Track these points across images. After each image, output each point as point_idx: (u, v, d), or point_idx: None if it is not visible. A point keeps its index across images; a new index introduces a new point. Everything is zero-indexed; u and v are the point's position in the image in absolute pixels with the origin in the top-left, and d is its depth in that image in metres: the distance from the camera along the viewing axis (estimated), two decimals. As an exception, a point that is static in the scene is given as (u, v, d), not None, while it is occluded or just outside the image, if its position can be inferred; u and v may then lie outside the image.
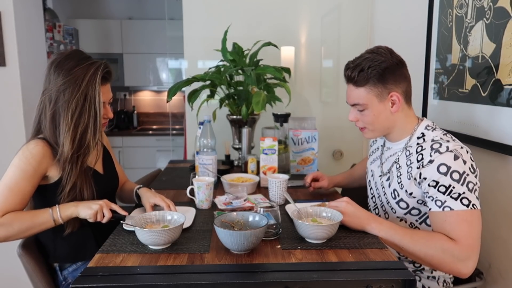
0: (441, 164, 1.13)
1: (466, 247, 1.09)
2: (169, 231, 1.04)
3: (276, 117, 1.86)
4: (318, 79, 2.37)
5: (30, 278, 1.30)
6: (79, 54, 1.28)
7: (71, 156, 1.23)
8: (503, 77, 1.44)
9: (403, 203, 1.26)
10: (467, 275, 1.11)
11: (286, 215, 1.31)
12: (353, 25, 2.29)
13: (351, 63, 1.26)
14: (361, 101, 1.24)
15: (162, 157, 4.23)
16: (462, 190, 1.11)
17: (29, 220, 1.19)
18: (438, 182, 1.13)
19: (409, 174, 1.23)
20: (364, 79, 1.21)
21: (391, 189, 1.30)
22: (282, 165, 1.82)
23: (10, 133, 2.36)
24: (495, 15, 1.47)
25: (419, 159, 1.20)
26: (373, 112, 1.25)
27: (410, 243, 1.12)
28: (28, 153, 1.21)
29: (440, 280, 1.33)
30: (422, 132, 1.26)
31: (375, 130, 1.29)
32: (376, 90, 1.22)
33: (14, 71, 2.30)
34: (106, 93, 1.32)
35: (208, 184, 1.40)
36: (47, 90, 1.25)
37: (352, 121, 1.32)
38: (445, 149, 1.15)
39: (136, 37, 4.36)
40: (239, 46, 1.94)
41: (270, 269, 0.97)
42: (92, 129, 1.26)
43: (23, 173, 1.20)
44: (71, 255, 1.33)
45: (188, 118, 2.37)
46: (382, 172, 1.36)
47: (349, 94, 1.28)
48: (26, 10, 2.41)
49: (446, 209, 1.12)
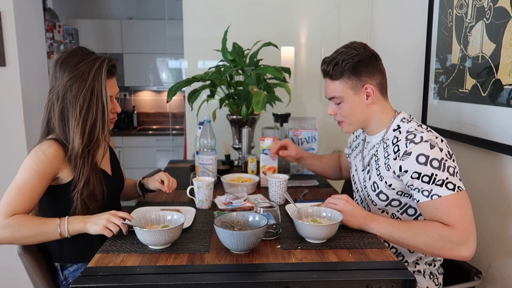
0: (419, 154, 1.16)
1: (463, 229, 1.12)
2: (169, 231, 1.05)
3: (276, 117, 1.86)
4: (318, 79, 2.37)
5: (31, 277, 1.29)
6: (83, 50, 1.29)
7: (82, 151, 1.23)
8: (503, 77, 1.44)
9: (383, 195, 1.28)
10: (469, 257, 1.13)
11: (286, 215, 1.31)
12: (353, 25, 2.29)
13: (326, 58, 1.31)
14: (337, 94, 1.29)
15: (162, 157, 4.23)
16: (445, 176, 1.14)
17: (35, 227, 1.17)
18: (420, 173, 1.15)
19: (386, 165, 1.25)
20: (339, 72, 1.26)
21: (371, 181, 1.32)
22: (282, 165, 1.82)
23: (10, 133, 2.36)
24: (495, 15, 1.47)
25: (395, 151, 1.23)
26: (349, 104, 1.29)
27: (409, 237, 1.14)
28: (41, 153, 1.21)
29: (427, 273, 1.34)
30: (398, 124, 1.30)
31: (351, 123, 1.33)
32: (350, 82, 1.27)
33: (14, 71, 2.30)
34: (112, 87, 1.32)
35: (208, 184, 1.40)
36: (54, 88, 1.25)
37: (331, 115, 1.36)
38: (420, 139, 1.18)
39: (136, 37, 4.36)
40: (239, 46, 1.94)
41: (270, 269, 0.97)
42: (101, 123, 1.27)
43: (34, 173, 1.19)
44: (76, 256, 1.32)
45: (188, 118, 2.37)
46: (364, 166, 1.39)
47: (326, 88, 1.33)
48: (26, 10, 2.41)
49: (434, 197, 1.14)
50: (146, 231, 1.05)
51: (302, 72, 2.35)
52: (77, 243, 1.28)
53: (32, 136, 2.46)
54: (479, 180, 1.64)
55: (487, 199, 1.57)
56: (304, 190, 1.64)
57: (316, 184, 1.73)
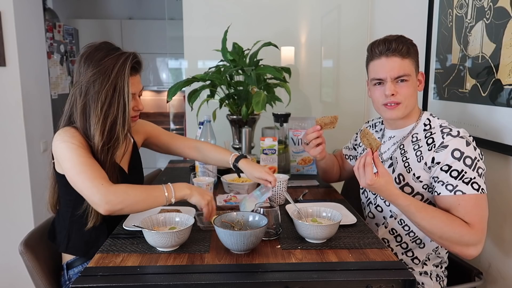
0: (455, 149, 1.17)
1: (480, 231, 1.14)
2: (179, 233, 1.03)
3: (276, 117, 1.86)
4: (318, 79, 2.37)
5: (32, 277, 1.29)
6: (109, 45, 1.27)
7: (101, 147, 1.21)
8: (503, 77, 1.44)
9: (408, 188, 1.28)
10: (474, 256, 1.16)
11: (286, 215, 1.31)
12: (353, 25, 2.29)
13: (389, 37, 1.29)
14: (407, 72, 1.26)
15: (162, 157, 4.22)
16: (473, 175, 1.15)
17: (144, 190, 1.16)
18: (451, 166, 1.16)
19: (418, 157, 1.26)
20: (409, 51, 1.27)
21: (395, 174, 1.31)
22: (282, 165, 1.82)
23: (10, 133, 2.36)
24: (495, 15, 1.47)
25: (429, 142, 1.24)
26: (413, 84, 1.29)
27: (428, 226, 1.15)
28: (67, 134, 1.19)
29: (433, 275, 1.34)
30: (428, 118, 1.32)
31: (408, 105, 1.29)
32: (415, 63, 1.29)
33: (14, 71, 2.30)
34: (135, 84, 1.30)
35: (208, 184, 1.40)
36: (77, 82, 1.23)
37: (392, 96, 1.27)
38: (457, 133, 1.20)
39: (136, 37, 4.37)
40: (239, 46, 1.94)
41: (270, 269, 0.97)
42: (121, 121, 1.24)
43: (78, 149, 1.17)
44: (82, 249, 1.30)
45: (188, 118, 2.37)
46: (383, 160, 1.37)
47: (394, 66, 1.26)
48: (26, 10, 2.41)
49: (458, 193, 1.15)
50: (155, 233, 1.03)
51: (302, 72, 2.35)
52: (84, 236, 1.28)
53: (32, 136, 2.47)
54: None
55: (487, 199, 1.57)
56: (304, 190, 1.64)
57: (316, 184, 1.73)
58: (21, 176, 2.41)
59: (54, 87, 3.38)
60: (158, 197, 1.16)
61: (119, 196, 1.11)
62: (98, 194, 1.10)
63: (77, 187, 1.15)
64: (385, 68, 1.27)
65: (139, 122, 1.49)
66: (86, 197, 1.15)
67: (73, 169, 1.15)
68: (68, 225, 1.30)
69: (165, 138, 1.57)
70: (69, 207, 1.28)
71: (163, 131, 1.59)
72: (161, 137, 1.57)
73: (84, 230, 1.26)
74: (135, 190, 1.15)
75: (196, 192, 1.20)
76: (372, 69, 1.32)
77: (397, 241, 1.33)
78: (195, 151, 1.54)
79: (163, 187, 1.17)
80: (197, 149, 1.54)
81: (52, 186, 1.33)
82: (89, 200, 1.15)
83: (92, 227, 1.24)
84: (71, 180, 1.17)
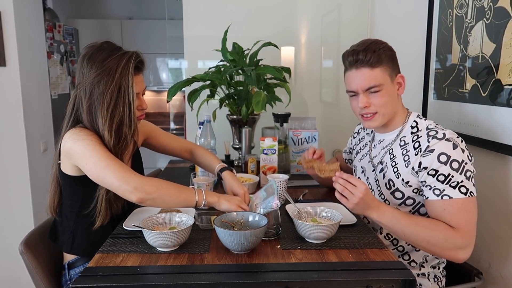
0: (441, 153, 1.15)
1: (467, 234, 1.12)
2: (178, 233, 1.03)
3: (276, 117, 1.86)
4: (318, 79, 2.37)
5: (32, 277, 1.28)
6: (111, 45, 1.27)
7: (113, 148, 1.21)
8: (503, 77, 1.44)
9: (399, 193, 1.27)
10: (464, 260, 1.15)
11: (286, 215, 1.31)
12: (353, 25, 2.29)
13: (357, 47, 1.25)
14: (378, 82, 1.23)
15: (162, 157, 4.19)
16: (460, 179, 1.14)
17: (177, 187, 1.18)
18: (437, 171, 1.15)
19: (406, 162, 1.24)
20: (379, 59, 1.23)
21: (386, 179, 1.30)
22: (282, 165, 1.82)
23: (10, 133, 2.36)
24: (495, 15, 1.47)
25: (415, 146, 1.23)
26: (388, 92, 1.25)
27: (412, 234, 1.14)
28: (83, 133, 1.19)
29: (431, 276, 1.34)
30: (414, 120, 1.30)
31: (385, 114, 1.27)
32: (389, 69, 1.25)
33: (14, 71, 2.30)
34: (139, 83, 1.29)
35: (208, 184, 1.40)
36: (81, 84, 1.22)
37: (364, 107, 1.26)
38: (442, 135, 1.18)
39: (136, 37, 4.37)
40: (239, 46, 1.94)
41: (270, 269, 0.97)
42: (128, 121, 1.24)
43: (98, 145, 1.17)
44: (87, 249, 1.29)
45: (188, 118, 2.37)
46: (374, 166, 1.37)
47: (363, 77, 1.24)
48: (26, 10, 2.41)
49: (445, 197, 1.14)
50: (155, 233, 1.03)
51: (302, 72, 2.35)
52: (89, 236, 1.28)
53: (32, 136, 2.47)
54: (479, 179, 1.63)
55: (487, 199, 1.57)
56: (304, 190, 1.64)
57: (316, 184, 1.73)
58: (21, 176, 2.41)
59: (54, 87, 3.38)
60: (189, 197, 1.18)
61: (153, 186, 1.14)
62: (133, 182, 1.13)
63: (105, 181, 1.16)
64: (355, 80, 1.26)
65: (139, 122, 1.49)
66: (116, 187, 1.15)
67: (98, 164, 1.16)
68: (73, 226, 1.29)
69: (163, 139, 1.59)
70: (74, 207, 1.28)
71: (162, 131, 1.61)
72: (160, 138, 1.59)
73: (90, 230, 1.26)
74: (168, 185, 1.18)
75: (223, 199, 1.21)
76: (346, 81, 1.31)
77: (394, 244, 1.33)
78: (189, 154, 1.61)
79: (194, 189, 1.19)
80: (191, 152, 1.61)
81: (54, 189, 1.32)
82: (120, 190, 1.14)
83: (100, 226, 1.24)
84: (96, 176, 1.17)
